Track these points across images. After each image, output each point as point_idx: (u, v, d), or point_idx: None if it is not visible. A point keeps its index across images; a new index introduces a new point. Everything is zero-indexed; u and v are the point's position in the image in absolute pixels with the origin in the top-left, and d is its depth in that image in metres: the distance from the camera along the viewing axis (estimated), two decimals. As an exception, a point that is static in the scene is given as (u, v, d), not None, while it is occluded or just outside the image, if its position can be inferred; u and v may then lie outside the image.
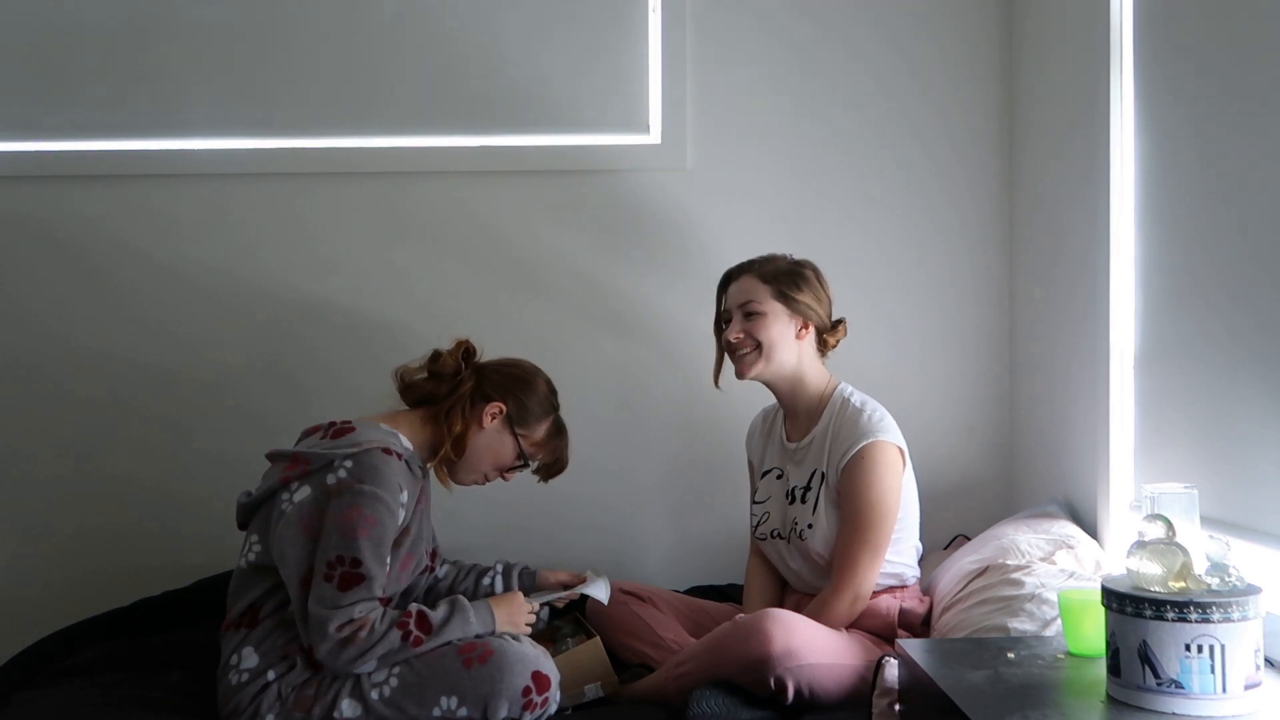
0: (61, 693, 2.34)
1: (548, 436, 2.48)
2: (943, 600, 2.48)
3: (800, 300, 2.54)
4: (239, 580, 2.29)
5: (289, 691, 2.19)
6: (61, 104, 3.09)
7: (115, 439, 3.09)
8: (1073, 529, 2.52)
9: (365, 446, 2.23)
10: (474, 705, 2.15)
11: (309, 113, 3.10)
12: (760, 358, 2.53)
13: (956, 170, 3.15)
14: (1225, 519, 2.08)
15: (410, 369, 2.45)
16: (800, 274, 2.57)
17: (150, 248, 3.09)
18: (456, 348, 2.45)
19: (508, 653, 2.19)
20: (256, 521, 2.28)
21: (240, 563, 2.29)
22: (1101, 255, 2.52)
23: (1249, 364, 2.07)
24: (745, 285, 2.56)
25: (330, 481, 2.20)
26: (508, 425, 2.42)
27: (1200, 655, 1.64)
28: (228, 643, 2.25)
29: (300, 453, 2.27)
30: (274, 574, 2.23)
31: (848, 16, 3.13)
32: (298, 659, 2.20)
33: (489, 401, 2.40)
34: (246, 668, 2.20)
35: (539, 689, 2.18)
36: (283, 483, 2.25)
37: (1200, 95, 2.24)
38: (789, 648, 2.23)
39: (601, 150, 3.11)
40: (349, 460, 2.21)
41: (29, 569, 3.08)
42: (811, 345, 2.58)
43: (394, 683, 2.17)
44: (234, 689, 2.20)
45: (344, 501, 2.18)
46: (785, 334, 2.54)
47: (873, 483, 2.44)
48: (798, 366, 2.56)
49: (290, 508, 2.22)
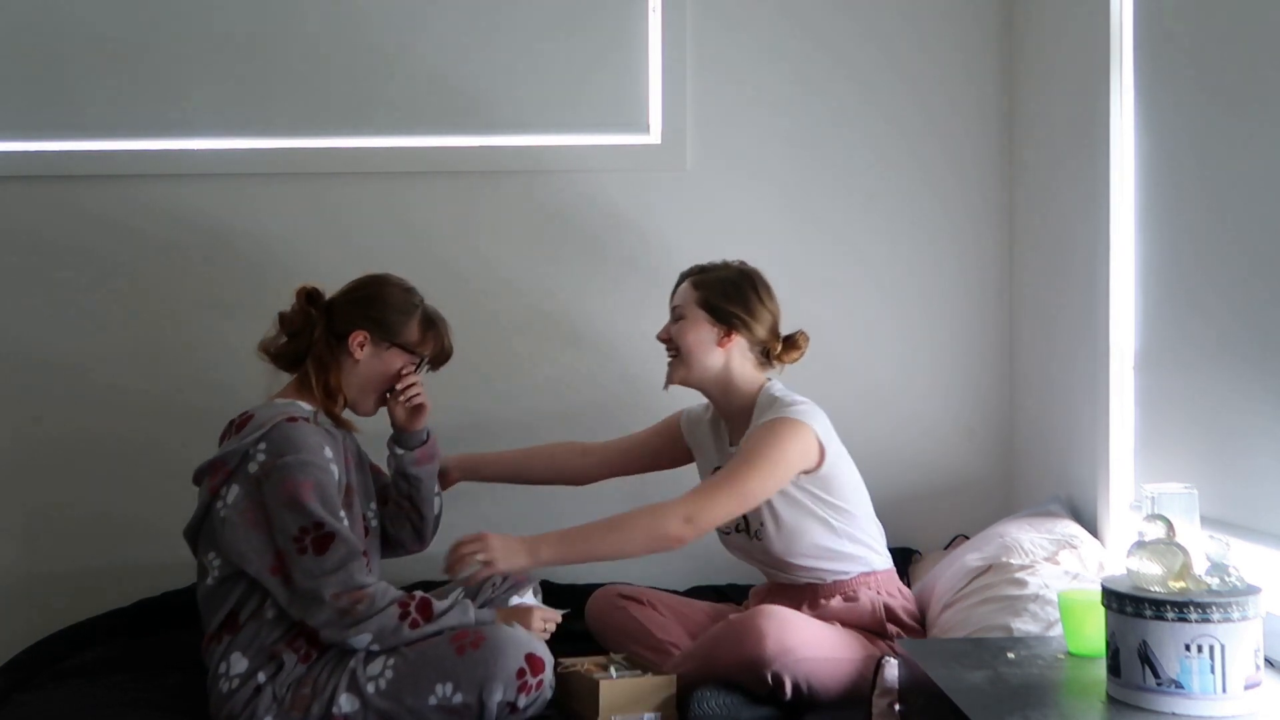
0: (61, 693, 2.34)
1: (423, 332, 2.45)
2: (943, 597, 2.47)
3: (726, 309, 2.51)
4: (208, 599, 2.28)
5: (284, 693, 2.18)
6: (61, 104, 3.09)
7: (115, 439, 3.08)
8: (1076, 529, 2.52)
9: (269, 424, 2.23)
10: (469, 690, 2.16)
11: (309, 113, 3.10)
12: (680, 364, 2.53)
13: (957, 170, 3.15)
14: (1225, 519, 2.08)
15: (269, 338, 2.42)
16: (734, 283, 2.54)
17: (150, 248, 3.09)
18: (298, 297, 2.41)
19: (500, 636, 2.20)
20: (204, 541, 2.29)
21: (207, 583, 2.27)
22: (1101, 256, 2.52)
23: (1249, 364, 2.08)
24: (680, 289, 2.58)
25: (253, 470, 2.22)
26: (379, 344, 2.40)
27: (1200, 655, 1.64)
28: (212, 655, 2.24)
29: (215, 459, 2.28)
30: (243, 580, 2.23)
31: (848, 17, 3.13)
32: (285, 658, 2.20)
33: (350, 333, 2.38)
34: (236, 673, 2.20)
35: (533, 670, 2.18)
36: (212, 494, 2.26)
37: (1200, 96, 2.24)
38: (783, 643, 2.24)
39: (601, 150, 3.11)
40: (260, 443, 2.22)
41: (30, 569, 3.08)
42: (744, 354, 2.53)
43: (389, 674, 2.18)
44: (225, 696, 2.20)
45: (275, 480, 2.19)
46: (704, 340, 2.51)
47: (763, 441, 2.40)
48: (723, 374, 2.53)
49: (228, 510, 2.22)
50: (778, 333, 2.58)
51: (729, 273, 2.57)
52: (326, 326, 2.38)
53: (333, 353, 2.38)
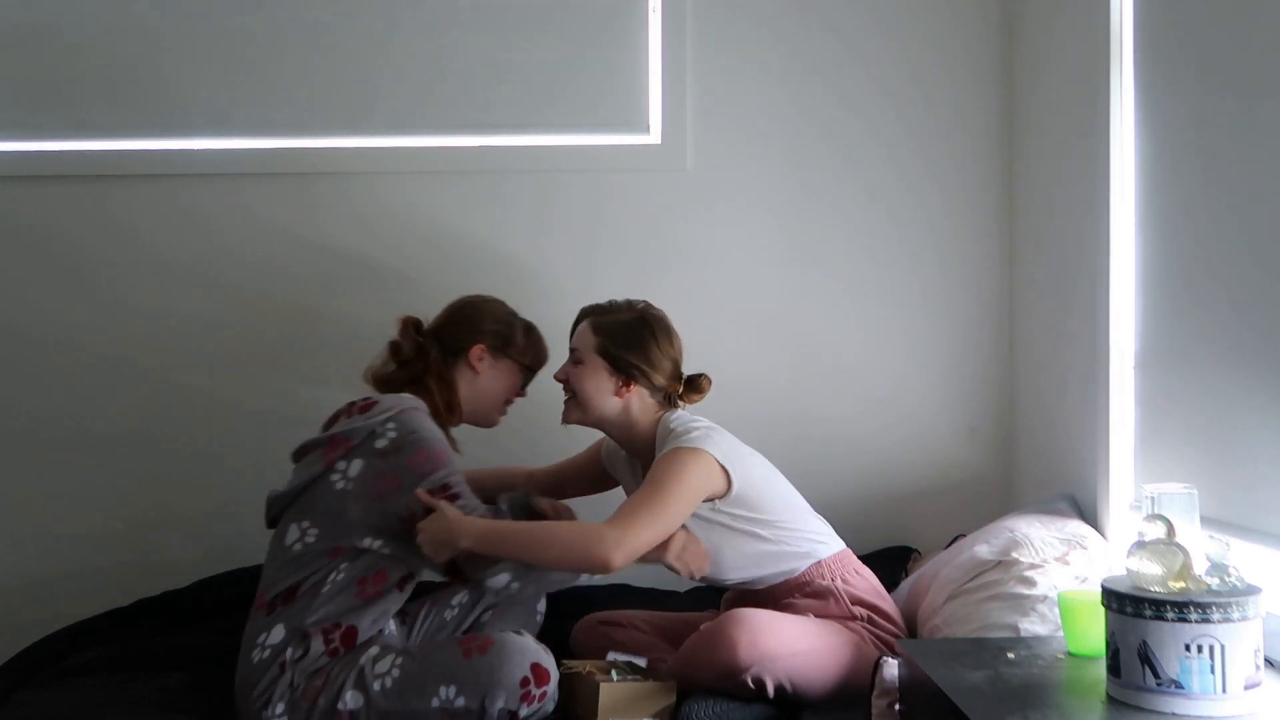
0: (60, 693, 2.34)
1: (526, 341, 2.57)
2: (947, 587, 2.45)
3: (625, 359, 2.47)
4: (281, 566, 2.30)
5: (300, 680, 2.20)
6: (61, 104, 3.09)
7: (114, 439, 3.08)
8: (1085, 528, 2.48)
9: (397, 409, 2.33)
10: (472, 695, 2.16)
11: (308, 113, 3.10)
12: (576, 407, 2.50)
13: (956, 170, 3.15)
14: (1225, 519, 2.08)
15: (376, 367, 2.50)
16: (634, 330, 2.49)
17: (149, 247, 3.09)
18: (404, 329, 2.51)
19: (508, 644, 2.21)
20: (297, 511, 2.31)
21: (289, 548, 2.29)
22: (1101, 255, 2.52)
23: (1249, 364, 2.07)
24: (580, 330, 2.54)
25: (380, 445, 2.29)
26: (497, 354, 2.52)
27: (1200, 655, 1.64)
28: (257, 621, 2.27)
29: (336, 434, 2.33)
30: (324, 557, 2.26)
31: (848, 17, 3.13)
32: (312, 644, 2.22)
33: (469, 349, 2.49)
34: (271, 644, 2.23)
35: (538, 681, 2.18)
36: (327, 466, 2.29)
37: (1200, 95, 2.24)
38: (755, 647, 2.23)
39: (601, 150, 3.11)
40: (390, 423, 2.31)
41: (30, 569, 3.08)
42: (643, 400, 2.50)
43: (396, 674, 2.19)
44: (254, 666, 2.22)
45: (405, 454, 2.28)
46: (602, 389, 2.47)
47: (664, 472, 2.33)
48: (622, 418, 2.50)
49: (347, 483, 2.28)
50: (679, 374, 2.54)
51: (629, 317, 2.52)
52: (440, 348, 2.50)
53: (452, 370, 2.50)
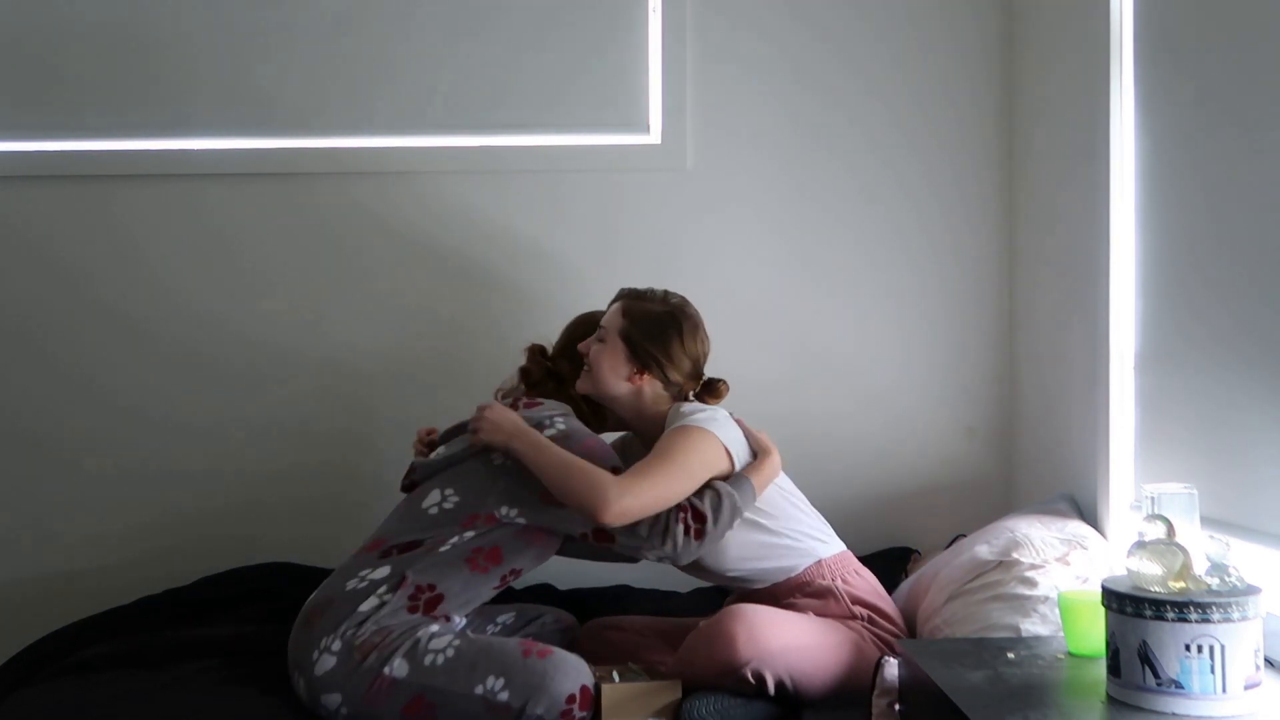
0: (62, 690, 2.34)
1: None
2: (948, 587, 2.45)
3: (645, 348, 2.48)
4: (411, 523, 2.37)
5: (366, 633, 2.23)
6: (61, 104, 3.09)
7: (114, 439, 3.08)
8: (1086, 529, 2.48)
9: (562, 410, 2.46)
10: (516, 694, 2.18)
11: (307, 113, 3.10)
12: (588, 379, 2.52)
13: (956, 171, 3.15)
14: (1225, 519, 2.08)
15: (510, 387, 2.59)
16: (660, 324, 2.50)
17: (149, 247, 3.09)
18: (531, 356, 2.60)
19: (566, 659, 2.24)
20: (443, 480, 2.40)
21: (424, 509, 2.37)
22: (1101, 256, 2.52)
23: (1249, 364, 2.08)
24: (612, 310, 2.55)
25: (550, 433, 2.37)
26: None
27: (1200, 655, 1.65)
28: (362, 559, 2.34)
29: None
30: (457, 526, 2.33)
31: (847, 19, 3.13)
32: (394, 596, 2.26)
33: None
34: (374, 578, 2.29)
35: (582, 704, 2.19)
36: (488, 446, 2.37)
37: (1200, 98, 2.24)
38: (754, 642, 2.23)
39: (601, 150, 3.11)
40: (559, 419, 2.42)
41: (30, 569, 3.08)
42: (656, 391, 2.51)
43: (450, 653, 2.22)
44: (346, 593, 2.28)
45: (579, 438, 2.38)
46: (616, 370, 2.49)
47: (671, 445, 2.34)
48: (630, 400, 2.51)
49: (506, 460, 2.36)
50: (699, 375, 2.54)
51: (660, 309, 2.52)
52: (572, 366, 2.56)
53: None
